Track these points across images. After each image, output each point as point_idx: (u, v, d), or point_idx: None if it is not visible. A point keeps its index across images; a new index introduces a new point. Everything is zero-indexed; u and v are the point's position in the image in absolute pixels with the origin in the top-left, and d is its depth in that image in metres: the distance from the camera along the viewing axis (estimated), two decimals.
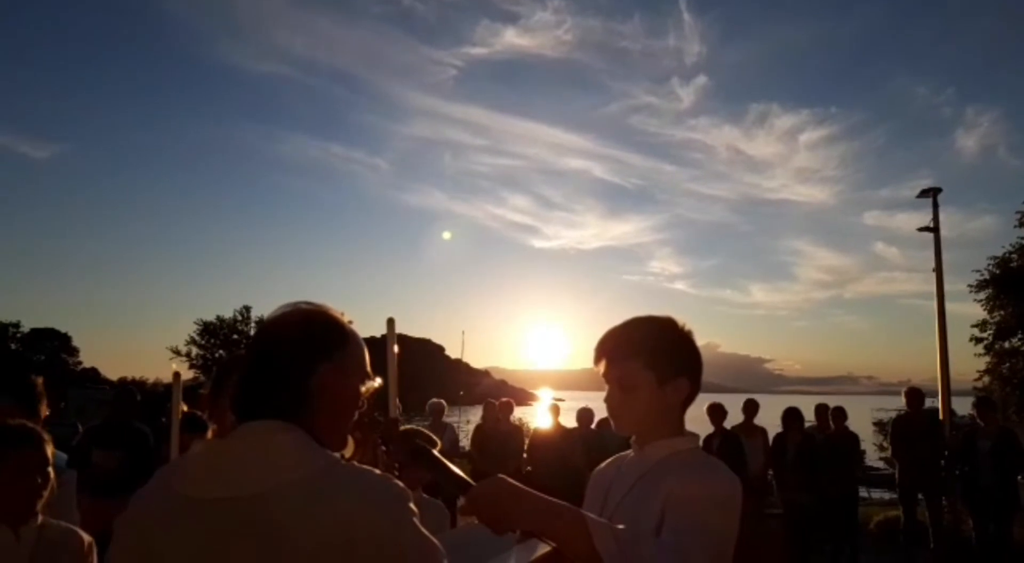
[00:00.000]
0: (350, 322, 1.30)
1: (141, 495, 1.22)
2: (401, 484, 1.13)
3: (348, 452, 1.27)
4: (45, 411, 3.01)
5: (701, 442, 1.68)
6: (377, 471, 1.15)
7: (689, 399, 1.63)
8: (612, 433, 7.25)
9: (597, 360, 1.65)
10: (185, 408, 3.03)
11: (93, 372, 73.17)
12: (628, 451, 1.70)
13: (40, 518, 2.16)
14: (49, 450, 2.22)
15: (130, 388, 6.72)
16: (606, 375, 1.63)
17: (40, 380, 2.98)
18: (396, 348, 1.84)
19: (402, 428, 1.90)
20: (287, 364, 1.18)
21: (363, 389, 1.26)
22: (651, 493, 1.50)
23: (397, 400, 1.89)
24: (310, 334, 1.21)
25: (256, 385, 1.19)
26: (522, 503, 1.26)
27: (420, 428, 3.42)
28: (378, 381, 1.31)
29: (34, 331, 71.62)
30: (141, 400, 6.35)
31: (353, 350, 1.25)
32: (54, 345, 72.99)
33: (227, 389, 2.05)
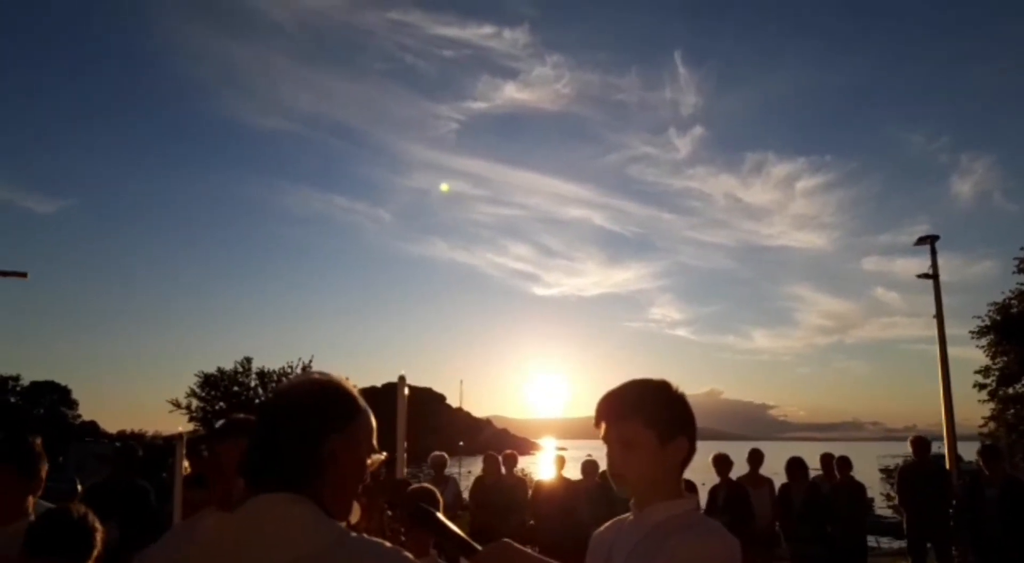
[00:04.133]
0: (355, 386, 1.32)
1: None
2: (411, 556, 1.15)
3: (355, 518, 1.28)
4: (44, 473, 2.98)
5: (707, 493, 1.69)
6: (387, 543, 1.17)
7: (687, 459, 1.65)
8: None
9: (597, 423, 1.68)
10: (187, 465, 3.03)
11: (92, 425, 72.47)
12: (628, 514, 1.71)
13: None
14: (97, 550, 2.07)
15: (132, 445, 6.71)
16: (607, 437, 1.66)
17: (39, 441, 2.94)
18: (406, 406, 1.84)
19: (409, 488, 1.90)
20: (297, 433, 1.20)
21: (369, 461, 1.28)
22: (651, 556, 1.50)
23: (405, 456, 1.89)
24: (321, 405, 1.23)
25: (266, 453, 1.21)
26: None
27: (426, 484, 3.43)
28: (384, 454, 1.33)
29: (34, 384, 71.16)
30: (142, 455, 6.32)
31: (362, 422, 1.28)
32: (53, 398, 72.44)
33: (226, 448, 2.07)
